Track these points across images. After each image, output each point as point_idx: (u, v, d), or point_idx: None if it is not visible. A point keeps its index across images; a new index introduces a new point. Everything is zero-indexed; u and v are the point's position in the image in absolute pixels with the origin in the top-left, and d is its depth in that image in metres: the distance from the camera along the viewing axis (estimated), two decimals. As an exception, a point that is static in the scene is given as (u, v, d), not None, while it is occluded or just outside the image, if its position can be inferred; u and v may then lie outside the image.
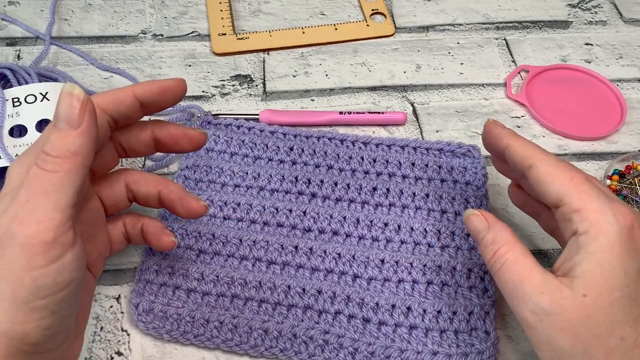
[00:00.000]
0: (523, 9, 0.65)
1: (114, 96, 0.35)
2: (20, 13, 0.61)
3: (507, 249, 0.33)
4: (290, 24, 0.62)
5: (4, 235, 0.29)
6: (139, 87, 0.36)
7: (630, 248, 0.31)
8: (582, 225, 0.32)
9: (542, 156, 0.35)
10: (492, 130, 0.39)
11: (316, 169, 0.48)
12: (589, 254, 0.31)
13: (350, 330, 0.40)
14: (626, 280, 0.31)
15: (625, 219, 0.31)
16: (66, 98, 0.30)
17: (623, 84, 0.58)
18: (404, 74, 0.58)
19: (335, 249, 0.43)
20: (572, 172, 0.34)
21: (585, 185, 0.33)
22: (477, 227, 0.36)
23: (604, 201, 0.32)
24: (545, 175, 0.34)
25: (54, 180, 0.29)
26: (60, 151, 0.29)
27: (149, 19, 0.62)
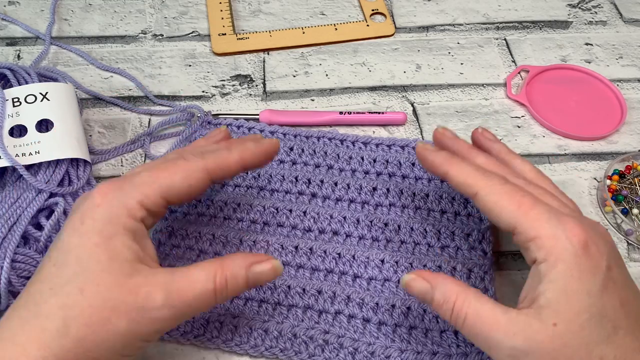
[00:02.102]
0: (523, 9, 0.65)
1: (224, 163, 0.36)
2: (20, 13, 0.61)
3: (461, 302, 0.32)
4: (290, 24, 0.62)
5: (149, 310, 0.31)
6: (247, 154, 0.37)
7: (588, 266, 0.31)
8: (539, 253, 0.32)
9: (484, 183, 0.34)
10: (426, 157, 0.38)
11: (316, 169, 0.48)
12: (551, 282, 0.31)
13: (350, 330, 0.40)
14: (591, 300, 0.31)
15: (578, 238, 0.31)
16: (273, 275, 0.35)
17: (623, 84, 0.58)
18: (404, 74, 0.58)
19: (335, 249, 0.43)
20: (519, 197, 0.33)
21: (535, 210, 0.33)
22: (420, 292, 0.35)
23: (556, 224, 0.32)
24: (492, 204, 0.34)
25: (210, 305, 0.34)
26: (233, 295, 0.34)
27: (149, 19, 0.62)
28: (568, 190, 0.50)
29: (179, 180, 0.34)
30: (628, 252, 0.46)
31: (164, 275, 0.32)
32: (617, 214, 0.47)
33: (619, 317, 0.31)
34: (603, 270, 0.31)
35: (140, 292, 0.31)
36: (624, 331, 0.31)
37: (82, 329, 0.30)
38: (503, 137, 0.53)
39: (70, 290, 0.31)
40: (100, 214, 0.32)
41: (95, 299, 0.30)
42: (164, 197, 0.34)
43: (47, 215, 0.42)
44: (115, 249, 0.32)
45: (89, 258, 0.31)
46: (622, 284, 0.32)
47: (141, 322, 0.31)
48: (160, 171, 0.34)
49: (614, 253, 0.33)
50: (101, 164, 0.50)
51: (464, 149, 0.39)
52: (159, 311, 0.31)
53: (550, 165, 0.51)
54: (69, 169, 0.45)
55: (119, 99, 0.54)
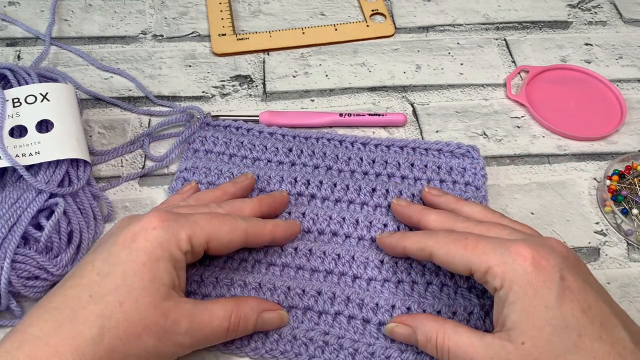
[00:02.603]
0: (523, 9, 0.64)
1: (260, 232, 0.40)
2: (20, 13, 0.62)
3: (442, 338, 0.35)
4: (290, 25, 0.62)
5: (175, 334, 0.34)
6: (278, 232, 0.41)
7: (540, 281, 0.33)
8: (495, 282, 0.34)
9: (433, 241, 0.37)
10: (385, 242, 0.42)
11: (315, 170, 0.48)
12: (511, 305, 0.33)
13: (350, 331, 0.40)
14: (550, 313, 0.32)
15: (524, 257, 0.33)
16: (279, 323, 0.39)
17: (623, 84, 0.58)
18: (404, 75, 0.58)
19: (334, 250, 0.43)
20: (462, 240, 0.36)
21: (479, 246, 0.35)
22: (405, 337, 0.38)
23: (501, 252, 0.34)
24: (445, 256, 0.36)
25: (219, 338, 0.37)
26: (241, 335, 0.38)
27: (149, 20, 0.62)
28: (568, 190, 0.50)
29: (224, 232, 0.37)
30: (628, 252, 0.46)
31: (190, 306, 0.35)
32: (617, 214, 0.47)
33: (582, 324, 0.32)
34: (557, 281, 0.33)
35: (169, 316, 0.34)
36: (590, 338, 0.32)
37: (115, 340, 0.32)
38: (503, 137, 0.53)
39: (110, 301, 0.32)
40: (154, 236, 0.35)
41: (132, 315, 0.32)
42: (208, 241, 0.37)
43: (47, 216, 0.42)
44: (158, 272, 0.34)
45: (134, 275, 0.33)
46: (579, 290, 0.33)
47: (166, 343, 0.34)
48: (213, 218, 0.37)
49: (567, 262, 0.34)
50: (101, 164, 0.50)
51: (416, 211, 0.42)
52: (182, 337, 0.34)
53: (550, 166, 0.51)
54: (69, 170, 0.45)
55: (119, 100, 0.54)
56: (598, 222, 0.48)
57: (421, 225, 0.41)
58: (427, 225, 0.41)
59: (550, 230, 0.47)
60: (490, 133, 0.53)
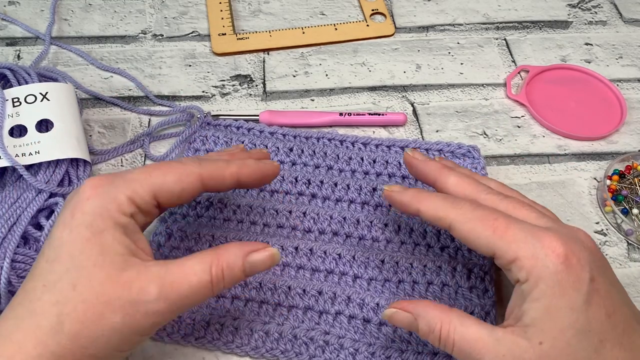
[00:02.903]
0: (523, 9, 0.64)
1: (219, 173, 0.36)
2: (20, 13, 0.61)
3: (447, 329, 0.33)
4: (290, 24, 0.62)
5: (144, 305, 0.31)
6: (244, 172, 0.37)
7: (571, 282, 0.31)
8: (521, 274, 0.32)
9: (456, 213, 0.34)
10: (395, 198, 0.38)
11: (316, 169, 0.48)
12: (534, 301, 0.31)
13: (350, 331, 0.40)
14: (575, 316, 0.31)
15: (557, 254, 0.31)
16: (270, 263, 0.34)
17: (623, 84, 0.58)
18: (404, 74, 0.58)
19: (335, 250, 0.43)
20: (492, 221, 0.33)
21: (509, 232, 0.33)
22: (405, 323, 0.35)
23: (533, 243, 0.32)
24: (467, 233, 0.34)
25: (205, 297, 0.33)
26: (227, 287, 0.34)
27: (149, 19, 0.62)
28: (568, 190, 0.50)
29: (171, 181, 0.34)
30: (628, 252, 0.46)
31: (158, 268, 0.32)
32: (617, 214, 0.47)
33: (605, 329, 0.31)
34: (586, 282, 0.31)
35: (133, 286, 0.31)
36: (611, 343, 0.31)
37: (76, 325, 0.30)
38: (503, 137, 0.53)
39: (62, 287, 0.30)
40: (90, 207, 0.32)
41: (88, 295, 0.30)
42: (155, 195, 0.34)
43: (47, 215, 0.42)
44: (106, 243, 0.31)
45: (80, 253, 0.31)
46: (606, 293, 0.32)
47: (136, 316, 0.31)
48: (153, 170, 0.34)
49: (597, 261, 0.33)
50: (101, 164, 0.50)
51: (436, 170, 0.38)
52: (154, 304, 0.31)
53: (550, 165, 0.51)
54: (69, 169, 0.45)
55: (119, 99, 0.54)
56: (598, 222, 0.48)
57: (437, 186, 0.38)
58: (444, 189, 0.37)
59: (550, 230, 0.47)
60: (490, 133, 0.53)
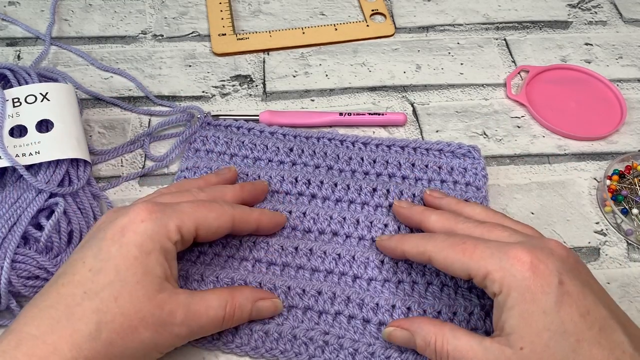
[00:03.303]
0: (523, 9, 0.64)
1: (246, 218, 0.40)
2: (20, 13, 0.61)
3: (440, 342, 0.35)
4: (290, 24, 0.62)
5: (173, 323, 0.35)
6: (265, 219, 0.42)
7: (539, 286, 0.33)
8: (494, 287, 0.34)
9: (432, 245, 0.37)
10: (384, 245, 0.42)
11: (316, 169, 0.48)
12: (510, 310, 0.33)
13: (350, 331, 0.40)
14: (548, 318, 0.32)
15: (522, 262, 0.33)
16: (272, 309, 0.39)
17: (623, 84, 0.58)
18: (404, 74, 0.58)
19: (335, 250, 0.43)
20: (460, 244, 0.36)
21: (477, 251, 0.35)
22: (403, 341, 0.37)
23: (500, 256, 0.34)
24: (443, 261, 0.36)
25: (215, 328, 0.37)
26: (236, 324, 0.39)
27: (149, 19, 0.62)
28: (568, 190, 0.50)
29: (212, 219, 0.38)
30: (628, 252, 0.46)
31: (185, 296, 0.35)
32: (617, 214, 0.47)
33: (580, 329, 0.32)
34: (555, 285, 0.32)
35: (165, 307, 0.34)
36: (588, 343, 0.32)
37: (112, 335, 0.32)
38: (503, 137, 0.53)
39: (105, 297, 0.33)
40: (143, 229, 0.35)
41: (128, 308, 0.33)
42: (197, 228, 0.37)
43: (47, 216, 0.42)
44: (150, 265, 0.34)
45: (126, 269, 0.33)
46: (578, 294, 0.33)
47: (162, 334, 0.34)
48: (199, 206, 0.38)
49: (566, 265, 0.34)
50: (101, 164, 0.50)
51: (418, 212, 0.42)
52: (178, 328, 0.34)
53: (550, 165, 0.51)
54: (69, 169, 0.45)
55: (119, 99, 0.54)
56: (598, 222, 0.48)
57: (422, 226, 0.41)
58: (427, 226, 0.41)
59: (550, 230, 0.47)
60: (490, 133, 0.53)
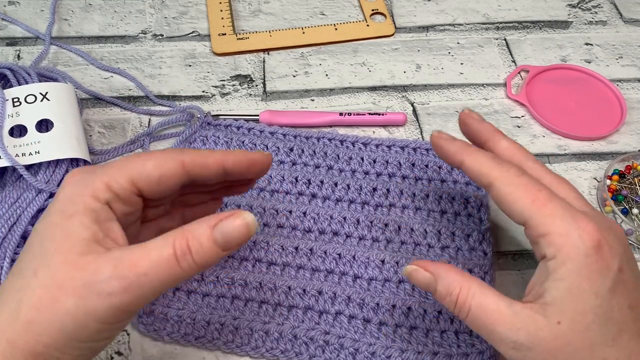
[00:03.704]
0: (523, 9, 0.65)
1: (202, 160, 0.34)
2: (20, 13, 0.61)
3: (465, 295, 0.32)
4: (290, 24, 0.62)
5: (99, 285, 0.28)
6: (229, 158, 0.35)
7: (598, 267, 0.31)
8: (549, 250, 0.31)
9: (500, 173, 0.34)
10: (442, 146, 0.37)
11: (316, 169, 0.48)
12: (558, 281, 0.31)
13: (351, 331, 0.40)
14: (598, 301, 0.30)
15: (591, 238, 0.31)
16: (242, 229, 0.30)
17: (623, 84, 0.58)
18: (404, 74, 0.58)
19: (335, 250, 0.43)
20: (535, 190, 0.33)
21: (549, 205, 0.32)
22: (423, 283, 0.34)
23: (569, 222, 0.31)
24: (506, 195, 0.33)
25: (177, 277, 0.29)
26: (201, 261, 0.30)
27: (149, 19, 0.62)
28: (568, 190, 0.50)
29: (150, 167, 0.32)
30: (628, 252, 0.46)
31: (120, 251, 0.30)
32: (617, 214, 0.47)
33: (625, 320, 0.31)
34: (614, 271, 0.31)
35: (88, 268, 0.29)
36: (629, 335, 0.31)
37: (31, 312, 0.29)
38: (503, 137, 0.53)
39: (26, 273, 0.30)
40: (64, 194, 0.31)
41: (46, 280, 0.29)
42: (133, 182, 0.32)
43: (47, 216, 0.42)
44: (71, 229, 0.30)
45: (48, 239, 0.30)
46: (632, 285, 0.31)
47: (90, 298, 0.28)
48: (134, 157, 0.33)
49: (628, 254, 0.32)
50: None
51: (489, 131, 0.38)
52: (107, 284, 0.28)
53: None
54: (69, 169, 0.45)
55: (119, 99, 0.54)
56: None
57: (488, 146, 0.37)
58: (495, 149, 0.37)
59: (550, 229, 0.47)
60: (490, 133, 0.53)
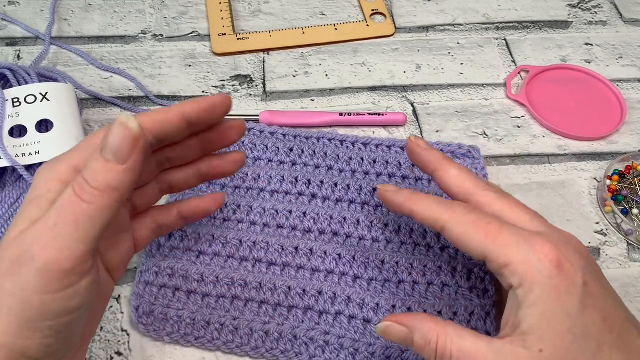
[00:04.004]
0: (523, 9, 0.65)
1: (162, 117, 0.32)
2: (20, 13, 0.61)
3: (443, 342, 0.32)
4: (290, 24, 0.62)
5: (23, 254, 0.28)
6: (187, 106, 0.33)
7: (564, 286, 0.31)
8: (514, 279, 0.31)
9: (448, 216, 0.34)
10: (389, 199, 0.38)
11: (316, 169, 0.48)
12: (530, 308, 0.31)
13: (351, 331, 0.40)
14: (572, 321, 0.30)
15: (550, 259, 0.31)
16: (120, 130, 0.28)
17: (623, 84, 0.58)
18: (404, 74, 0.58)
19: (335, 250, 0.43)
20: (484, 225, 0.33)
21: (501, 236, 0.32)
22: (400, 338, 0.34)
23: (525, 247, 0.31)
24: (459, 236, 0.33)
25: (87, 212, 0.28)
26: (101, 184, 0.28)
27: (149, 19, 0.62)
28: (568, 190, 0.50)
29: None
30: (628, 252, 0.46)
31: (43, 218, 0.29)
32: (617, 214, 0.47)
33: (602, 333, 0.31)
34: (580, 287, 0.31)
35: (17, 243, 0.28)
36: (608, 347, 0.31)
37: None
38: (503, 137, 0.53)
39: None
40: (33, 184, 0.31)
41: None
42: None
43: (47, 216, 0.42)
44: (25, 214, 0.30)
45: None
46: (600, 297, 0.32)
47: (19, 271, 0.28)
48: (97, 133, 0.32)
49: (589, 265, 0.32)
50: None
51: (437, 160, 0.38)
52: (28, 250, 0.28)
53: (550, 165, 0.51)
54: (69, 170, 0.45)
55: (119, 99, 0.54)
56: (598, 222, 0.48)
57: (437, 176, 0.37)
58: (444, 179, 0.37)
59: (550, 230, 0.47)
60: (490, 133, 0.53)
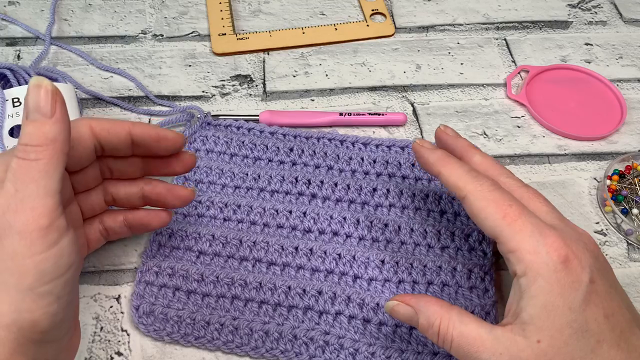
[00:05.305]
0: (523, 9, 0.65)
1: (110, 125, 0.35)
2: (20, 13, 0.61)
3: (445, 325, 0.33)
4: (290, 24, 0.62)
5: (0, 228, 0.29)
6: (137, 127, 0.36)
7: (569, 282, 0.31)
8: (519, 267, 0.32)
9: (473, 187, 0.35)
10: (422, 155, 0.39)
11: (316, 169, 0.48)
12: (532, 298, 0.31)
13: (350, 331, 0.40)
14: (573, 316, 0.31)
15: (558, 253, 0.32)
16: (35, 90, 0.30)
17: (623, 84, 0.58)
18: (404, 74, 0.58)
19: (335, 250, 0.43)
20: (506, 206, 0.33)
21: (519, 221, 0.33)
22: (405, 317, 0.35)
23: (537, 238, 0.32)
24: (479, 210, 0.34)
25: (38, 168, 0.29)
26: (39, 139, 0.30)
27: (149, 19, 0.62)
28: (568, 190, 0.50)
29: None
30: (628, 252, 0.46)
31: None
32: (617, 214, 0.47)
33: (602, 330, 0.31)
34: (585, 284, 0.31)
35: None
36: (608, 344, 0.31)
37: None
38: (503, 137, 0.53)
39: None
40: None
41: None
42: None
43: (48, 216, 0.42)
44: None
45: None
46: (605, 295, 0.32)
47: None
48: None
49: (598, 264, 0.33)
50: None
51: (463, 147, 0.39)
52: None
53: (550, 165, 0.51)
54: (69, 170, 0.45)
55: (119, 99, 0.54)
56: (598, 222, 0.48)
57: (463, 162, 0.38)
58: (469, 165, 0.38)
59: (550, 230, 0.47)
60: (490, 133, 0.53)
